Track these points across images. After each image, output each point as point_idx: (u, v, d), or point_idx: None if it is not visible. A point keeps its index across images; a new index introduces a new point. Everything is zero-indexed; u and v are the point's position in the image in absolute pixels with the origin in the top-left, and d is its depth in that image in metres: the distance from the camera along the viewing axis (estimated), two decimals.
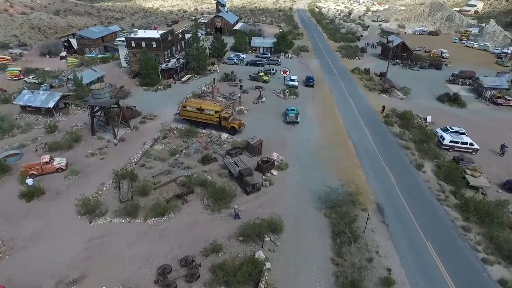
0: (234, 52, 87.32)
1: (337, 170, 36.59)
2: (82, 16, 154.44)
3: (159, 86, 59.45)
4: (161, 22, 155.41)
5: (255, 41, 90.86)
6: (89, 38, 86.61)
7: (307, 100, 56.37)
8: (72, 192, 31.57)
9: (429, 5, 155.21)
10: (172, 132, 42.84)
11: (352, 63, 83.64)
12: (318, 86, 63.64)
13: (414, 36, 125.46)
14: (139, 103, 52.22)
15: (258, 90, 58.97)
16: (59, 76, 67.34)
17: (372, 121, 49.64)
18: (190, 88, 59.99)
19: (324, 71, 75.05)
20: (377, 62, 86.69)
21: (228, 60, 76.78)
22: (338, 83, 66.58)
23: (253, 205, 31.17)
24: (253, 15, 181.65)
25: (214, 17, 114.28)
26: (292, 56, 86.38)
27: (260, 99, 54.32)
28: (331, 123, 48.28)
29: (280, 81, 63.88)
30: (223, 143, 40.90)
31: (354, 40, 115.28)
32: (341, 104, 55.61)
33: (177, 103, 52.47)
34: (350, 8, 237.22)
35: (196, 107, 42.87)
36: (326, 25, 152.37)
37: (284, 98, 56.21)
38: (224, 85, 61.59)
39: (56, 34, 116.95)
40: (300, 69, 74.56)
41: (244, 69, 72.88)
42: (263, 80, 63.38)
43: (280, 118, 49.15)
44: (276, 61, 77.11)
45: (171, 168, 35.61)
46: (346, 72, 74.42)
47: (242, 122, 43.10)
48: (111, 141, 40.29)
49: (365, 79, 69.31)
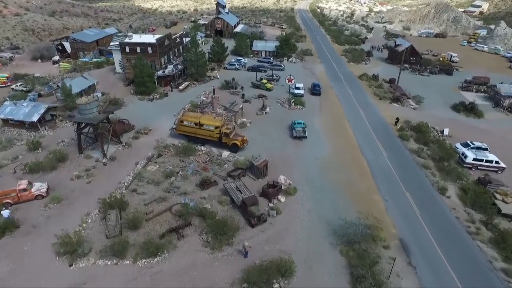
0: (234, 56, 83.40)
1: (351, 195, 32.70)
2: (78, 18, 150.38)
3: (155, 95, 55.51)
4: (159, 23, 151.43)
5: (257, 44, 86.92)
6: (83, 42, 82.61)
7: (314, 111, 52.44)
8: (52, 224, 27.64)
9: (434, 6, 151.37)
10: (168, 149, 38.92)
11: (359, 68, 79.74)
12: (325, 94, 59.74)
13: (420, 39, 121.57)
14: (133, 114, 48.30)
15: (262, 99, 55.06)
16: (49, 83, 63.32)
17: (386, 134, 45.74)
18: (188, 96, 56.03)
19: (330, 77, 71.14)
20: (385, 67, 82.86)
21: (228, 65, 72.86)
22: (345, 90, 62.67)
23: (259, 240, 27.27)
24: (254, 16, 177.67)
25: (214, 18, 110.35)
26: (296, 60, 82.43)
27: (264, 110, 50.41)
28: (342, 138, 44.37)
29: (284, 89, 60.04)
30: (224, 163, 36.99)
31: (359, 43, 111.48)
32: (350, 115, 51.69)
33: (174, 114, 48.56)
34: (352, 8, 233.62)
35: (194, 122, 38.93)
36: (329, 26, 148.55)
37: (290, 109, 52.30)
38: (224, 93, 57.67)
39: (50, 36, 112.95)
40: (304, 75, 70.64)
41: (246, 75, 68.96)
42: (266, 88, 59.47)
43: (286, 131, 45.25)
44: (279, 66, 73.21)
45: (166, 194, 31.70)
46: (354, 78, 70.51)
47: (245, 138, 39.19)
48: (100, 161, 36.35)
49: (374, 86, 65.40)
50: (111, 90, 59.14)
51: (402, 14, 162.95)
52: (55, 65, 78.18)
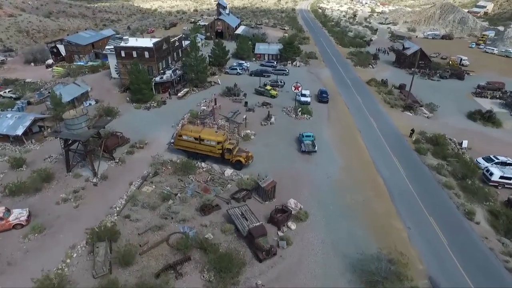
0: (236, 59, 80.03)
1: (369, 222, 29.28)
2: (75, 18, 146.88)
3: (152, 103, 52.08)
4: (158, 24, 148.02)
5: (259, 47, 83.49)
6: (78, 44, 79.17)
7: (322, 121, 49.04)
8: (30, 261, 24.22)
9: (440, 7, 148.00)
10: (165, 166, 35.49)
11: (366, 72, 76.34)
12: (333, 101, 56.32)
13: (426, 41, 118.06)
14: (128, 125, 44.90)
15: (266, 107, 51.70)
16: (41, 89, 60.01)
17: (401, 148, 42.32)
18: (188, 104, 52.63)
19: (337, 82, 67.73)
20: (393, 71, 79.47)
21: (230, 70, 69.44)
22: (354, 97, 59.25)
23: (269, 277, 23.86)
24: (255, 17, 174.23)
25: (215, 20, 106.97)
26: (300, 64, 79.04)
27: (269, 120, 46.99)
28: (354, 152, 40.95)
29: (289, 95, 56.65)
30: (227, 182, 33.57)
31: (364, 45, 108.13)
32: (361, 125, 48.27)
33: (172, 125, 45.16)
34: (354, 9, 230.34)
35: (194, 137, 35.50)
36: (332, 27, 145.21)
37: (296, 118, 48.88)
38: (226, 101, 54.26)
39: (45, 38, 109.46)
40: (310, 80, 67.23)
41: (249, 80, 65.57)
42: (271, 95, 56.05)
43: (293, 144, 41.84)
44: (283, 70, 69.76)
45: (162, 221, 28.29)
46: (361, 84, 67.10)
47: (250, 154, 35.76)
48: (90, 180, 32.93)
49: (383, 93, 61.99)
50: (105, 97, 55.75)
51: (407, 15, 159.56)
52: (48, 69, 74.81)
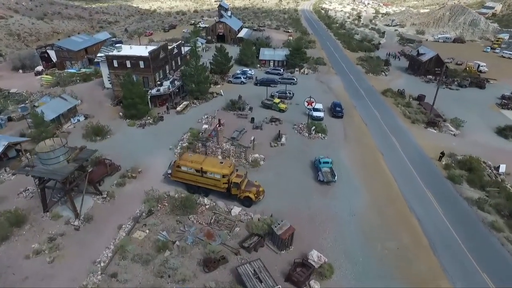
0: (239, 66, 74.70)
1: (409, 282, 23.93)
2: (71, 20, 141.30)
3: (147, 119, 46.71)
4: (157, 26, 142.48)
5: (264, 53, 78.07)
6: (70, 50, 73.69)
7: (339, 140, 43.67)
8: None
9: (449, 9, 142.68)
10: (161, 203, 30.12)
11: (379, 80, 71.02)
12: (348, 116, 50.95)
13: (437, 44, 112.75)
14: (119, 147, 39.55)
15: (275, 124, 46.38)
16: (26, 101, 54.58)
17: (431, 175, 36.93)
18: (187, 120, 47.28)
19: (350, 92, 62.36)
20: (407, 79, 74.17)
21: (233, 79, 64.01)
22: (370, 111, 53.88)
23: None
24: (256, 18, 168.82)
25: (216, 23, 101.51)
26: (309, 71, 73.65)
27: (279, 140, 41.64)
28: (379, 181, 35.58)
29: (300, 108, 51.42)
30: (234, 224, 28.22)
31: (373, 49, 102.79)
32: (383, 145, 42.93)
33: (170, 147, 39.78)
34: (357, 10, 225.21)
35: (195, 168, 30.15)
36: (337, 30, 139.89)
37: (309, 137, 43.50)
38: (230, 115, 48.91)
39: (38, 41, 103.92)
40: (321, 91, 61.86)
41: (254, 90, 60.23)
42: (279, 109, 50.68)
43: (309, 171, 36.47)
44: (291, 79, 64.40)
45: (157, 281, 22.94)
46: (376, 95, 61.73)
47: (261, 189, 30.37)
48: (71, 223, 27.56)
49: (401, 105, 56.64)
50: (96, 111, 50.35)
51: (414, 17, 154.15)
52: (37, 77, 69.34)
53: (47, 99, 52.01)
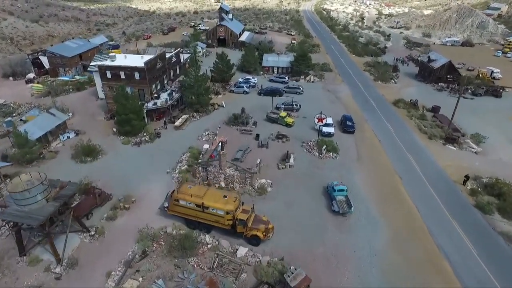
0: (241, 73, 71.07)
1: None
2: (67, 23, 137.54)
3: (143, 136, 43.07)
4: (156, 29, 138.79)
5: (267, 59, 74.40)
6: (63, 56, 69.98)
7: (351, 161, 40.02)
8: None
9: (456, 11, 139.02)
10: (157, 242, 26.49)
11: (389, 89, 67.39)
12: (360, 130, 47.31)
13: (445, 48, 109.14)
14: (112, 170, 35.92)
15: (282, 141, 42.77)
16: (13, 114, 50.96)
17: (457, 203, 33.27)
18: (187, 137, 43.67)
19: (360, 103, 58.69)
20: (418, 86, 70.55)
21: (236, 88, 60.29)
22: (383, 124, 50.23)
23: None
24: (258, 20, 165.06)
25: (217, 26, 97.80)
26: (315, 79, 69.99)
27: (287, 161, 38.01)
28: (399, 211, 31.94)
29: (308, 122, 47.88)
30: (240, 268, 24.61)
31: (379, 54, 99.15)
32: (400, 166, 39.26)
33: (168, 171, 36.13)
34: (359, 11, 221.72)
35: (195, 203, 26.53)
36: (341, 32, 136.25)
37: (320, 157, 39.86)
38: (233, 131, 45.31)
39: (32, 45, 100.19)
40: (328, 101, 58.25)
41: (257, 100, 56.60)
42: (286, 123, 47.04)
43: (321, 199, 32.85)
44: (297, 89, 60.73)
45: None
46: (388, 105, 58.06)
47: (270, 226, 26.73)
48: (51, 270, 23.93)
49: (415, 118, 52.99)
50: (88, 126, 46.73)
51: (419, 19, 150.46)
52: (28, 85, 65.67)
53: (36, 112, 48.40)
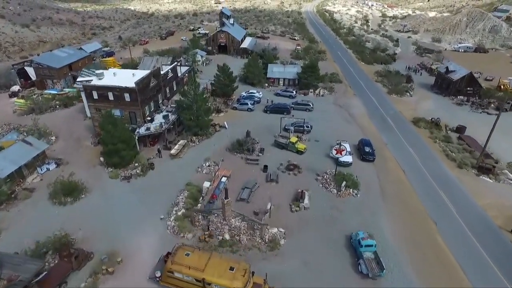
0: (244, 85, 65.43)
1: None
2: (61, 27, 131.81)
3: (135, 167, 37.48)
4: (154, 32, 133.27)
5: (273, 69, 68.80)
6: (51, 67, 64.37)
7: (375, 199, 34.43)
8: None
9: (466, 14, 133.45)
10: None
11: (406, 104, 61.77)
12: (380, 157, 41.72)
13: (457, 54, 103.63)
14: (96, 215, 30.35)
15: (293, 173, 37.22)
16: None
17: (508, 258, 27.79)
18: (184, 168, 38.11)
19: (376, 121, 53.09)
20: (436, 100, 64.94)
21: (239, 105, 54.58)
22: (405, 150, 44.60)
23: None
24: (259, 23, 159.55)
25: (217, 32, 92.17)
26: (324, 92, 64.39)
27: (302, 201, 32.48)
28: (439, 270, 26.34)
29: (321, 148, 42.46)
30: None
31: (389, 61, 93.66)
32: (432, 207, 33.61)
33: (162, 217, 30.55)
34: (363, 13, 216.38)
35: (194, 277, 21.00)
36: (346, 36, 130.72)
37: (338, 195, 34.30)
38: (237, 160, 39.74)
39: (21, 52, 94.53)
40: (341, 119, 52.73)
41: (263, 119, 51.05)
42: (297, 150, 41.45)
43: (345, 254, 27.32)
44: (306, 105, 55.10)
45: None
46: (407, 125, 52.45)
47: None
48: None
49: (439, 140, 47.44)
50: (73, 153, 41.15)
51: (428, 22, 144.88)
52: (12, 99, 60.14)
53: (14, 136, 42.92)
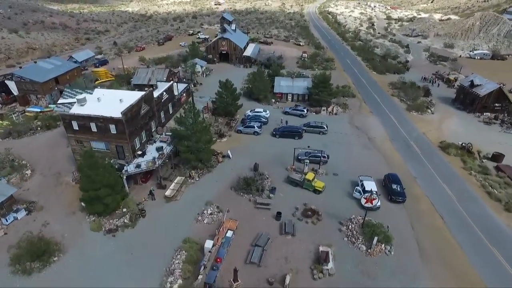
0: (248, 101, 59.07)
1: None
2: (53, 31, 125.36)
3: (123, 214, 31.18)
4: (151, 37, 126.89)
5: (280, 83, 62.41)
6: (34, 82, 57.97)
7: (413, 259, 28.05)
8: None
9: (479, 18, 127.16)
10: None
11: (428, 123, 55.34)
12: (411, 198, 35.30)
13: (473, 62, 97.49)
14: (70, 280, 24.14)
15: (312, 221, 30.92)
16: None
17: None
18: (181, 213, 31.82)
19: (399, 147, 46.71)
20: (460, 117, 58.65)
21: (244, 128, 48.17)
22: (439, 187, 38.01)
23: None
24: (261, 26, 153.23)
25: (218, 39, 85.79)
26: (338, 110, 58.02)
27: (325, 265, 26.19)
28: None
29: (339, 182, 36.43)
30: None
31: (402, 70, 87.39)
32: (484, 268, 27.40)
33: None
34: (367, 14, 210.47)
35: None
36: (353, 41, 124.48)
37: (368, 253, 28.01)
38: (244, 203, 33.39)
39: (8, 60, 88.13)
40: (360, 146, 46.35)
41: (272, 145, 44.79)
42: (314, 189, 35.09)
43: None
44: (321, 128, 48.74)
45: None
46: (435, 152, 45.97)
47: None
48: None
49: (475, 171, 41.16)
50: (49, 193, 34.80)
51: (438, 26, 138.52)
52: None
53: None
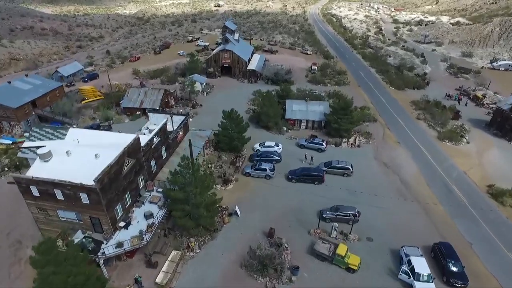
0: (256, 128, 50.98)
1: None
2: (42, 38, 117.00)
3: None
4: (148, 44, 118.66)
5: (292, 107, 54.03)
6: (6, 107, 49.72)
7: None
8: None
9: (498, 24, 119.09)
10: None
11: (467, 157, 47.22)
12: (472, 278, 27.34)
13: (497, 74, 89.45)
14: None
15: None
16: None
17: None
18: None
19: (439, 194, 38.36)
20: (501, 148, 50.53)
21: (253, 171, 39.80)
22: (503, 257, 30.13)
23: None
24: (264, 31, 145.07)
25: (220, 52, 77.59)
26: (360, 141, 49.83)
27: None
28: None
29: (376, 252, 28.30)
30: None
31: (423, 85, 79.35)
32: None
33: None
34: (372, 17, 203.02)
35: None
36: (362, 49, 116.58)
37: None
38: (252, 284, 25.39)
39: None
40: (392, 191, 38.19)
41: (287, 193, 36.74)
42: (347, 266, 26.96)
43: None
44: (345, 169, 40.48)
45: None
46: (484, 200, 37.85)
47: None
48: None
49: None
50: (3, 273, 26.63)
51: (452, 33, 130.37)
52: None
53: None
